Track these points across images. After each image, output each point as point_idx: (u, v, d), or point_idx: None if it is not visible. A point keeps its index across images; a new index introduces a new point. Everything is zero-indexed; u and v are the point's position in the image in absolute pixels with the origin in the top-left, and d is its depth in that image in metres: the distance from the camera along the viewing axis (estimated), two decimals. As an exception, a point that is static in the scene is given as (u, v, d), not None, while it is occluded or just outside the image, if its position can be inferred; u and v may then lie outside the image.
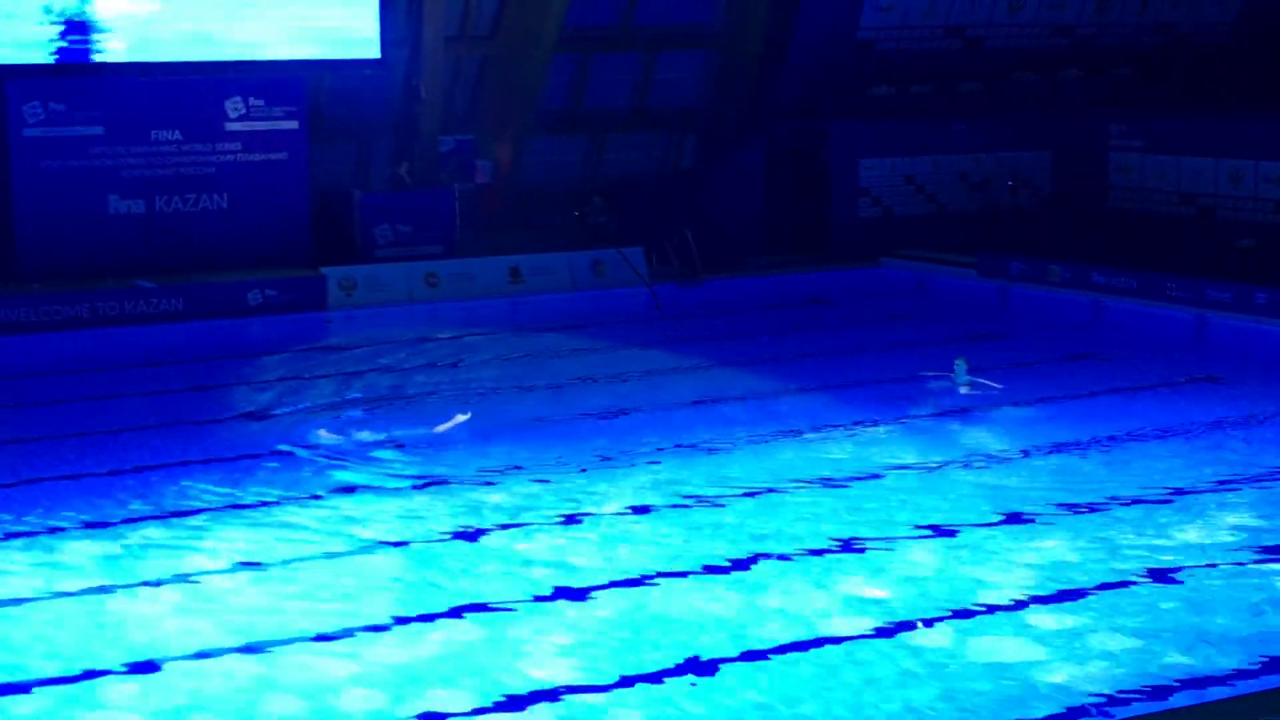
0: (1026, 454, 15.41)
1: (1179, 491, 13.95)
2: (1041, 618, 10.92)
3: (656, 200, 27.81)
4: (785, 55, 28.60)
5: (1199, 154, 27.05)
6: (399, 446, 15.85)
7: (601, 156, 29.27)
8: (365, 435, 16.27)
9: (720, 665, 10.16)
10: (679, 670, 10.08)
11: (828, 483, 14.40)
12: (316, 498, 14.12)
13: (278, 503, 13.98)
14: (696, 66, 29.31)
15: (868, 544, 12.57)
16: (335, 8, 25.24)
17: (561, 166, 28.95)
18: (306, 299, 23.68)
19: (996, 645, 10.46)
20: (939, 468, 14.92)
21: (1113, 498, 13.76)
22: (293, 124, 25.10)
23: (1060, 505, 13.56)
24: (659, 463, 15.16)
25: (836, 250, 27.64)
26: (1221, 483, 14.23)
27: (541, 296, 24.81)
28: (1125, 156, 28.29)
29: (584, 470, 14.86)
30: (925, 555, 12.27)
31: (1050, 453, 15.42)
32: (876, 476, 14.61)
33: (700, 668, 10.12)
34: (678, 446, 15.72)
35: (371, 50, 25.52)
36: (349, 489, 14.36)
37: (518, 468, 14.98)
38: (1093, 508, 13.49)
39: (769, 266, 26.70)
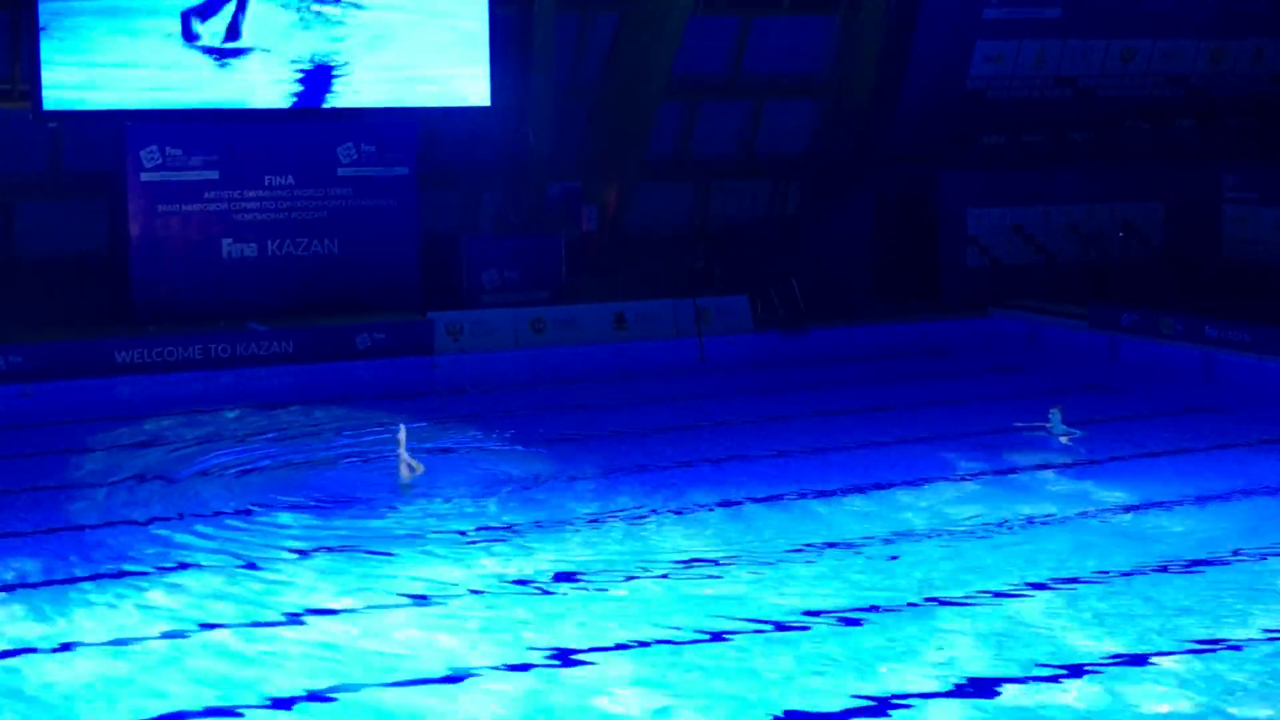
0: (1137, 507, 15.15)
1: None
2: (1170, 667, 10.75)
3: (762, 248, 27.81)
4: (894, 104, 28.54)
5: (1315, 205, 26.66)
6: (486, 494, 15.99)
7: (708, 203, 29.33)
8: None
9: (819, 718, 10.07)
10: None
11: (931, 534, 14.24)
12: (416, 538, 14.22)
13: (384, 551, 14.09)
14: (804, 114, 29.32)
15: (980, 597, 12.40)
16: (447, 56, 25.57)
17: (668, 213, 29.04)
18: (414, 343, 23.88)
19: (1134, 697, 10.28)
20: (1044, 521, 14.72)
21: (1231, 553, 13.50)
22: (403, 170, 25.39)
23: (1173, 560, 13.32)
24: (756, 509, 15.10)
25: (944, 300, 27.47)
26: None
27: (646, 343, 24.86)
28: (1239, 208, 27.89)
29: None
30: (1038, 608, 12.09)
31: (1161, 506, 15.15)
32: (971, 528, 14.44)
33: (804, 721, 10.06)
34: (779, 496, 15.64)
35: (482, 98, 25.81)
36: (459, 533, 14.46)
37: (618, 511, 15.01)
38: (1209, 562, 13.25)
39: (876, 316, 26.57)
